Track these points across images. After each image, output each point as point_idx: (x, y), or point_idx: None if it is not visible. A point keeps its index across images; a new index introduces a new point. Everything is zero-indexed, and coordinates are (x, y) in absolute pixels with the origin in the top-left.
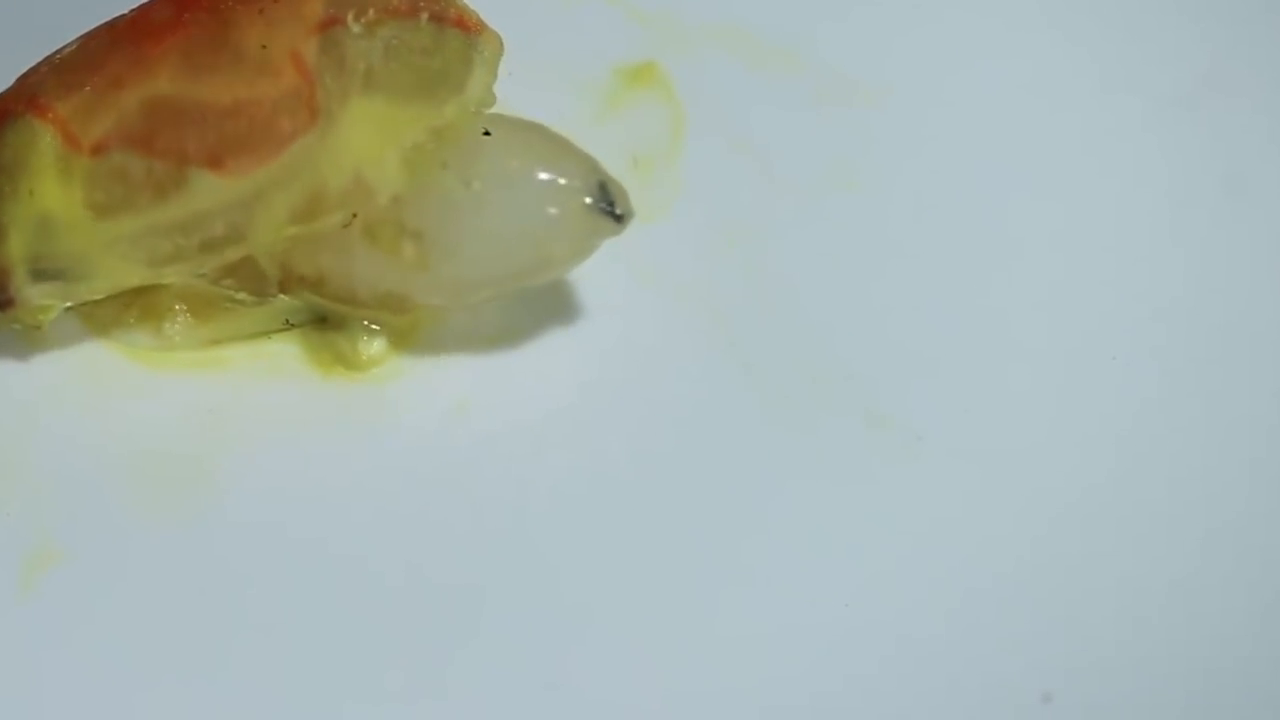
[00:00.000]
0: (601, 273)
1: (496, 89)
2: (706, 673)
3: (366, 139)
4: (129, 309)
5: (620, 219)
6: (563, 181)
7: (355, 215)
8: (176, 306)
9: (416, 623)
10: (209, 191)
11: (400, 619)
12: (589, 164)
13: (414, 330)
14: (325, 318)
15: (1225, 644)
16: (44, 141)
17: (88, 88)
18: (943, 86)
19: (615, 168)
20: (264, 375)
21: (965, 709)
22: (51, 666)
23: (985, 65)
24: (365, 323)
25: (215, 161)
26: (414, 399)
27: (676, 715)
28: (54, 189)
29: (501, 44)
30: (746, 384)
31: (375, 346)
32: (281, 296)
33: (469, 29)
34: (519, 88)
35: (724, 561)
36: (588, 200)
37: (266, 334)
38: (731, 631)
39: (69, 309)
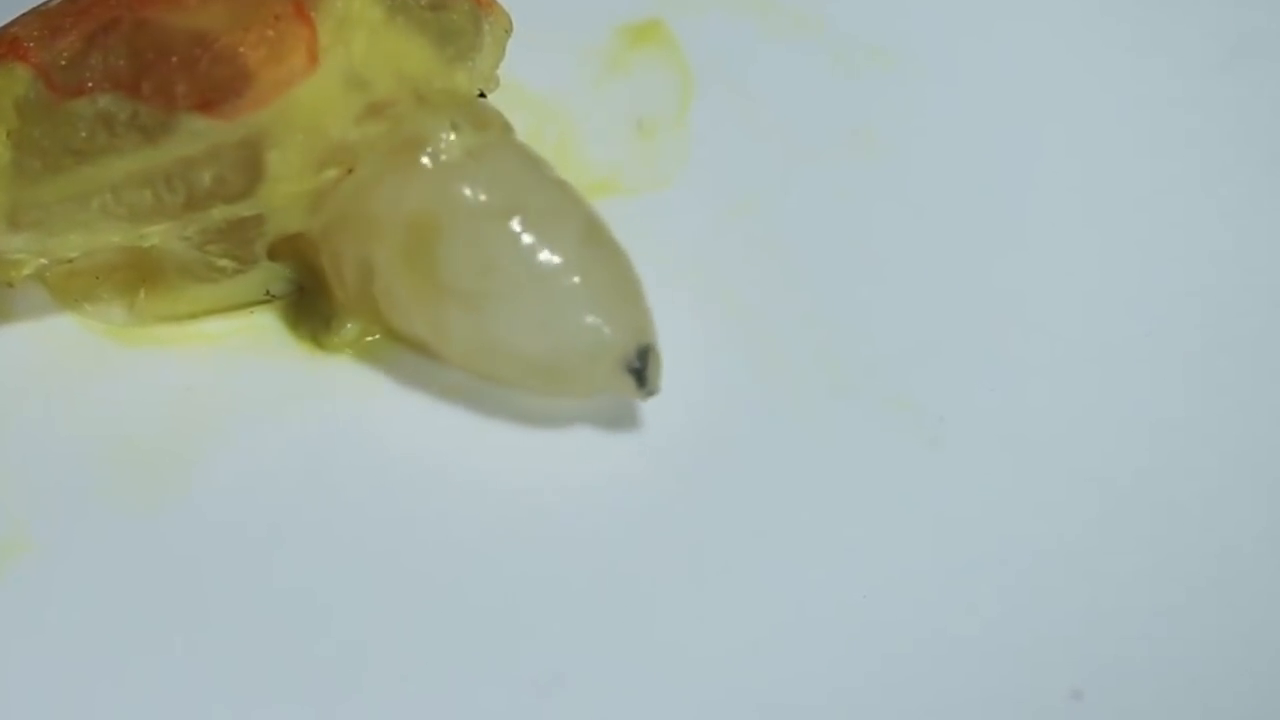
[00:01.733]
0: None
1: None
2: (719, 666)
3: (370, 93)
4: (102, 282)
5: (646, 391)
6: (607, 331)
7: (350, 170)
8: (152, 277)
9: (403, 614)
10: (196, 135)
11: (386, 610)
12: (642, 322)
13: None
14: (305, 288)
15: (1263, 640)
16: (23, 85)
17: (73, 33)
18: (966, 50)
19: (618, 133)
20: (243, 351)
21: (990, 706)
22: (19, 662)
23: (1010, 29)
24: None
25: (205, 104)
26: (401, 378)
27: (688, 710)
28: (33, 133)
29: (510, 23)
30: (757, 364)
31: (350, 329)
32: (266, 264)
33: (479, 1)
34: (516, 48)
35: (734, 550)
36: (624, 362)
37: (246, 306)
38: (744, 624)
39: (40, 281)
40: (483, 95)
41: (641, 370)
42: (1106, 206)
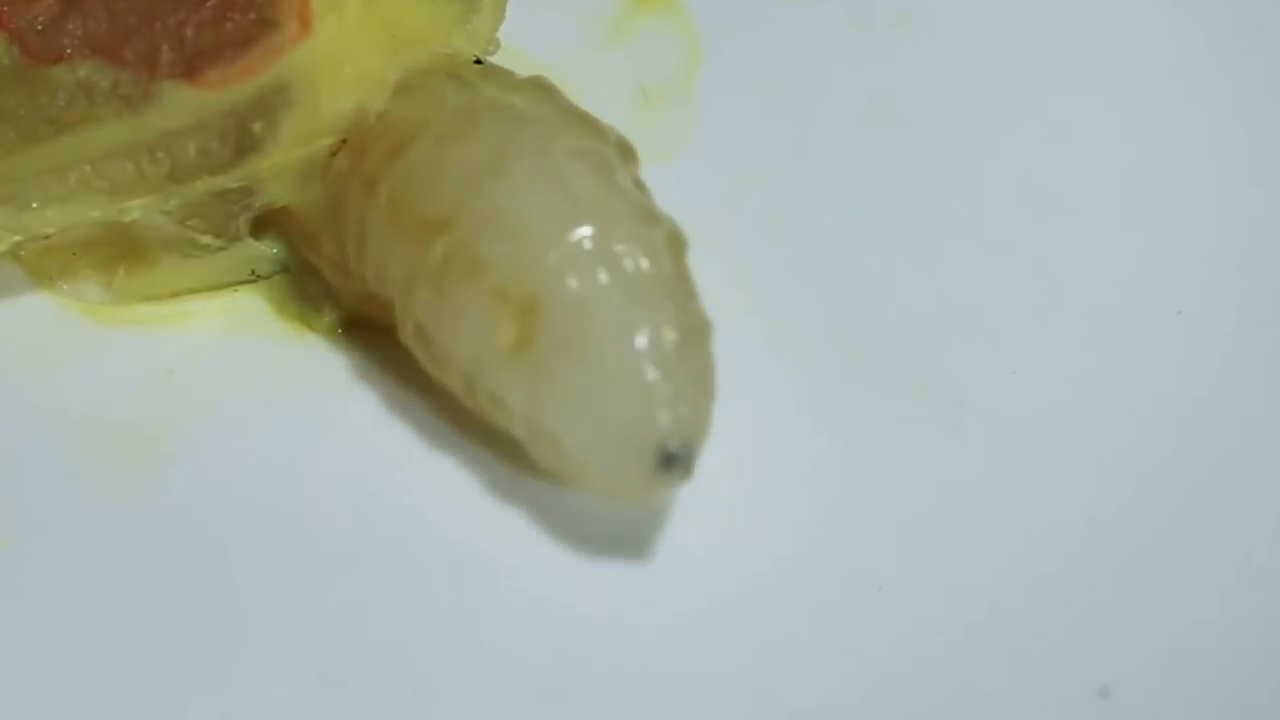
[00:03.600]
0: None
1: None
2: (727, 663)
3: (365, 59)
4: (79, 258)
5: (664, 482)
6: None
7: (344, 141)
8: (132, 254)
9: (391, 605)
10: (181, 105)
11: (372, 601)
12: (698, 424)
13: None
14: (289, 268)
15: None
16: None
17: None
18: (990, 14)
19: (621, 102)
20: (227, 332)
21: (1015, 705)
22: None
23: None
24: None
25: (190, 72)
26: (390, 361)
27: (693, 709)
28: (8, 102)
29: None
30: (768, 345)
31: (340, 311)
32: (250, 241)
33: None
34: (514, 13)
35: (740, 542)
36: (658, 452)
37: (231, 286)
38: (751, 619)
39: (14, 258)
40: (479, 62)
41: (671, 465)
42: (1135, 180)
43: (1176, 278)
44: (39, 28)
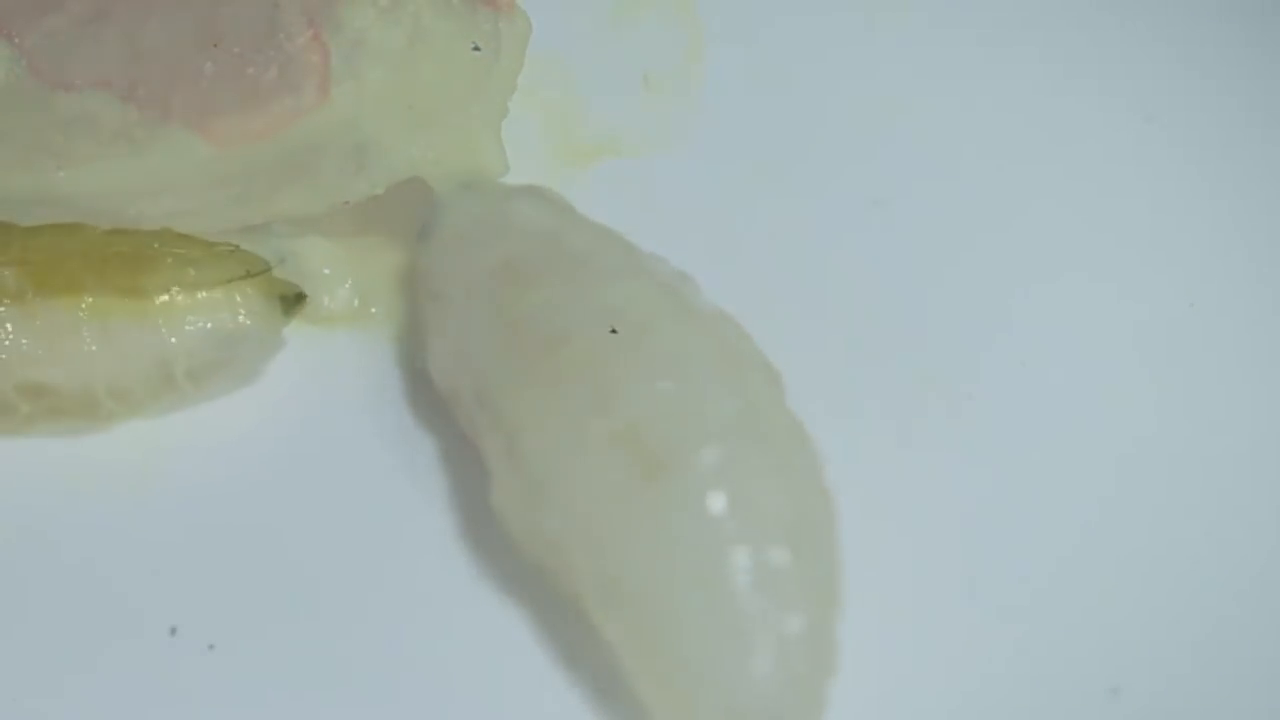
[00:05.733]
0: (604, 209)
1: None
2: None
3: (379, 129)
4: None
5: None
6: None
7: (346, 202)
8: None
9: (387, 601)
10: (186, 157)
11: (369, 596)
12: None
13: (383, 281)
14: (284, 259)
15: None
16: (5, 69)
17: (63, 13)
18: (994, 3)
19: (622, 89)
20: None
21: (1026, 703)
22: None
23: None
24: (327, 270)
25: (201, 121)
26: (385, 354)
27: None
28: (10, 122)
29: (530, 25)
30: (771, 338)
31: (339, 298)
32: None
33: (498, 6)
34: None
35: None
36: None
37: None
38: None
39: None
40: (477, 49)
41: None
42: (1147, 171)
43: (1188, 271)
44: (49, 46)
